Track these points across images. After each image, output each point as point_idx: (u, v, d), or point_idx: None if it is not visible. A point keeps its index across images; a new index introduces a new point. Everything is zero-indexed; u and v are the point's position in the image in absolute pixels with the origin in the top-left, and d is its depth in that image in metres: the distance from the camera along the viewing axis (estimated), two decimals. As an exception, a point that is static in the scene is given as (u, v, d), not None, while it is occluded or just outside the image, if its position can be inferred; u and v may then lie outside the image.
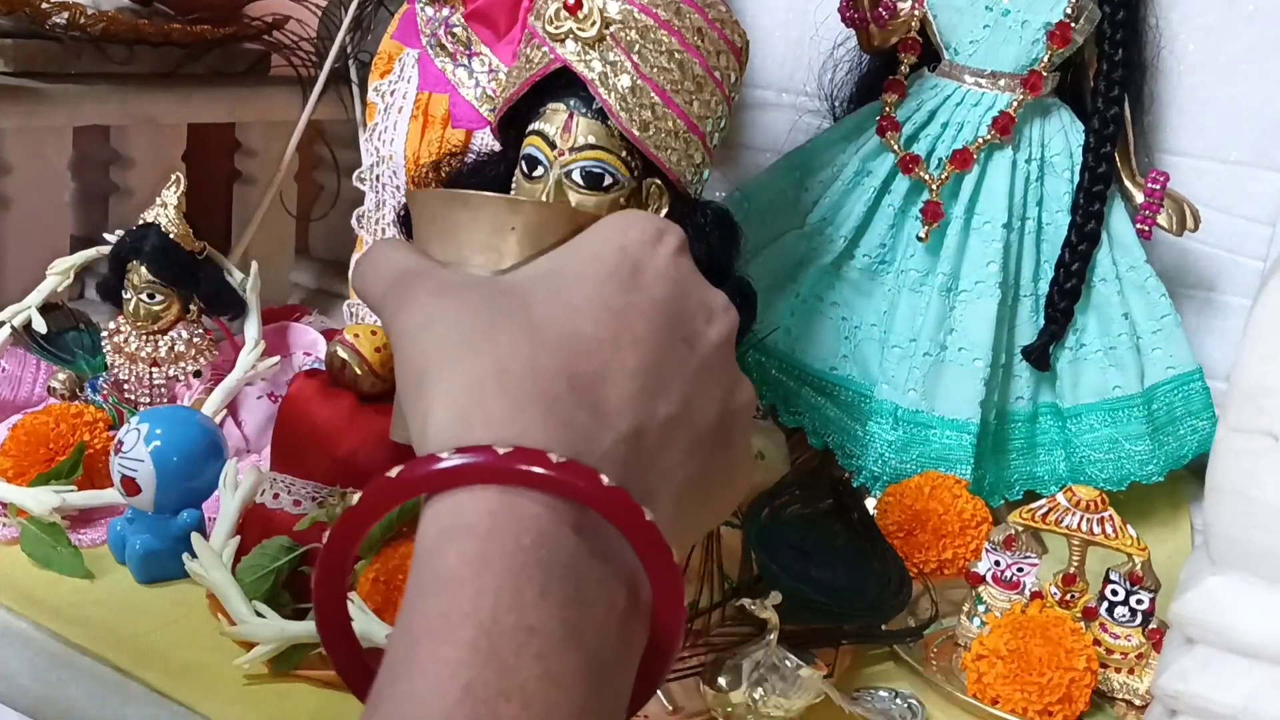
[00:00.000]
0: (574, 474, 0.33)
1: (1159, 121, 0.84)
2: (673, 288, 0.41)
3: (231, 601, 0.54)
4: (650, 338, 0.39)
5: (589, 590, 0.33)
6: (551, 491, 0.33)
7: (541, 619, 0.31)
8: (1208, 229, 0.79)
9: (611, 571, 0.34)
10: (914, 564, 0.68)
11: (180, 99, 0.91)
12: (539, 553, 0.32)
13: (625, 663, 0.34)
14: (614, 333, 0.38)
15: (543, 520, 0.33)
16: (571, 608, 0.32)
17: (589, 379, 0.37)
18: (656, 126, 0.58)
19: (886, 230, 0.77)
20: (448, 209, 0.41)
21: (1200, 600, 0.49)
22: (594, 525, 0.34)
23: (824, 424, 0.77)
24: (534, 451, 0.33)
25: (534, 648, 0.31)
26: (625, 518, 0.34)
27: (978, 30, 0.74)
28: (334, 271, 1.06)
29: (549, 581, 0.32)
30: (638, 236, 0.41)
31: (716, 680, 0.53)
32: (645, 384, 0.38)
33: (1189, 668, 0.49)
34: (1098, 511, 0.61)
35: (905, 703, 0.57)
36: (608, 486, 0.34)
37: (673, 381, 0.39)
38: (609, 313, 0.39)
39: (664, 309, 0.40)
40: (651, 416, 0.38)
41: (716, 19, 0.59)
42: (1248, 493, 0.47)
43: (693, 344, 0.41)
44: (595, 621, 0.33)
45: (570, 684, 0.31)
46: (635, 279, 0.40)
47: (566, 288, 0.39)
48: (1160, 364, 0.78)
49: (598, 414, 0.36)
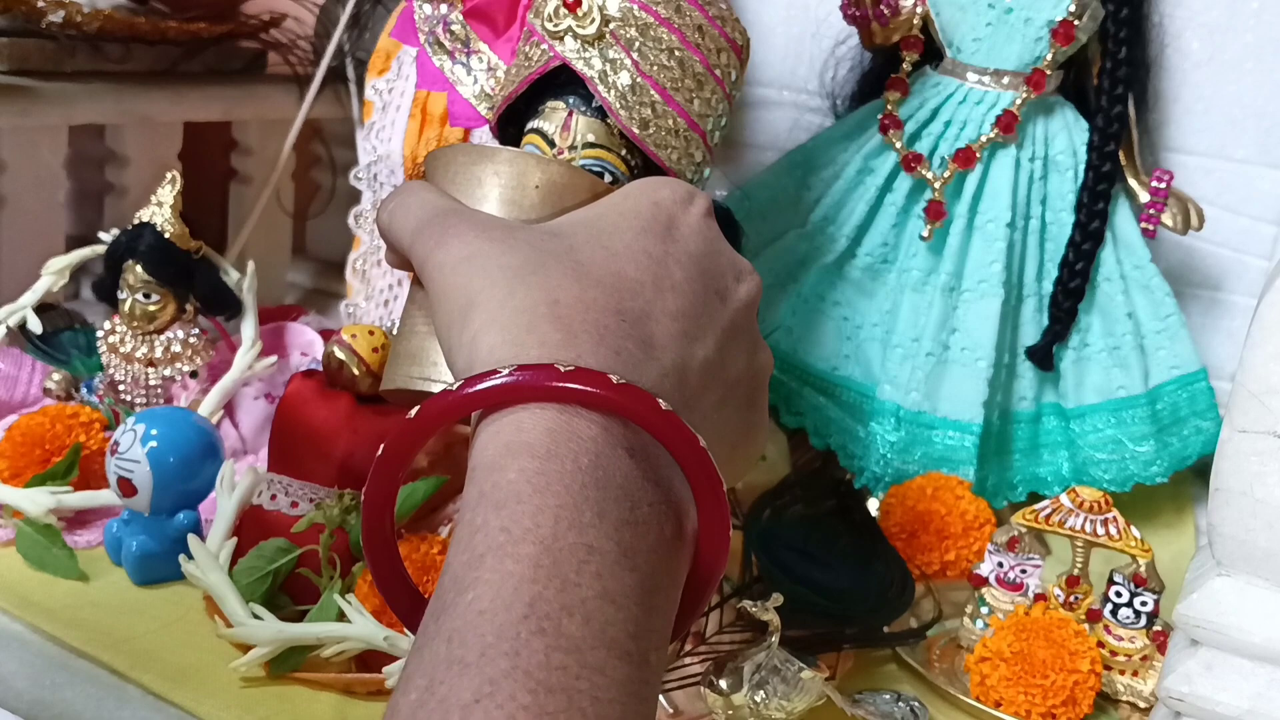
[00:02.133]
0: (633, 397, 0.34)
1: (1163, 119, 0.83)
2: (705, 244, 0.43)
3: (228, 603, 0.54)
4: (687, 285, 0.41)
5: (641, 513, 0.34)
6: (610, 413, 0.34)
7: (599, 539, 0.32)
8: (1213, 228, 0.79)
9: (662, 497, 0.35)
10: (916, 565, 0.68)
11: (176, 97, 0.91)
12: (596, 474, 0.33)
13: (672, 588, 0.35)
14: (654, 276, 0.40)
15: (599, 442, 0.34)
16: (626, 530, 0.33)
17: (636, 315, 0.38)
18: (657, 125, 0.58)
19: (889, 229, 0.77)
20: (472, 163, 0.42)
21: (1205, 602, 0.49)
22: (646, 451, 0.35)
23: (826, 424, 0.77)
24: (596, 373, 0.34)
25: (593, 566, 0.31)
26: (679, 443, 0.35)
27: (980, 28, 0.74)
28: (331, 271, 1.05)
29: (605, 503, 0.33)
30: (670, 195, 0.44)
31: (717, 683, 0.53)
32: (685, 327, 0.40)
33: (1194, 670, 0.49)
34: (1101, 513, 0.61)
35: (907, 705, 0.57)
36: (664, 410, 0.34)
37: (707, 329, 0.41)
38: (649, 258, 0.40)
39: (698, 262, 0.42)
40: (691, 357, 0.39)
41: (717, 16, 0.59)
42: (1253, 493, 0.47)
43: (724, 298, 0.43)
44: (647, 544, 0.33)
45: (626, 603, 0.31)
46: (670, 232, 0.42)
47: (606, 234, 0.41)
48: (1165, 364, 0.77)
49: (645, 347, 0.37)
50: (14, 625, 0.57)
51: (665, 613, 0.34)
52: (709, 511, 0.36)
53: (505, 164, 0.41)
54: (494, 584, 0.30)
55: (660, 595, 0.34)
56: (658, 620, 0.33)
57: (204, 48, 0.93)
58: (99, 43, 0.85)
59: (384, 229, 0.43)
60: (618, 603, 0.31)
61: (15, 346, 0.77)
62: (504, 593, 0.30)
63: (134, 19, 0.87)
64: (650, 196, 0.43)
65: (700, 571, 0.36)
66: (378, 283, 0.82)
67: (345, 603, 0.53)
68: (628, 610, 0.31)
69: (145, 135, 0.92)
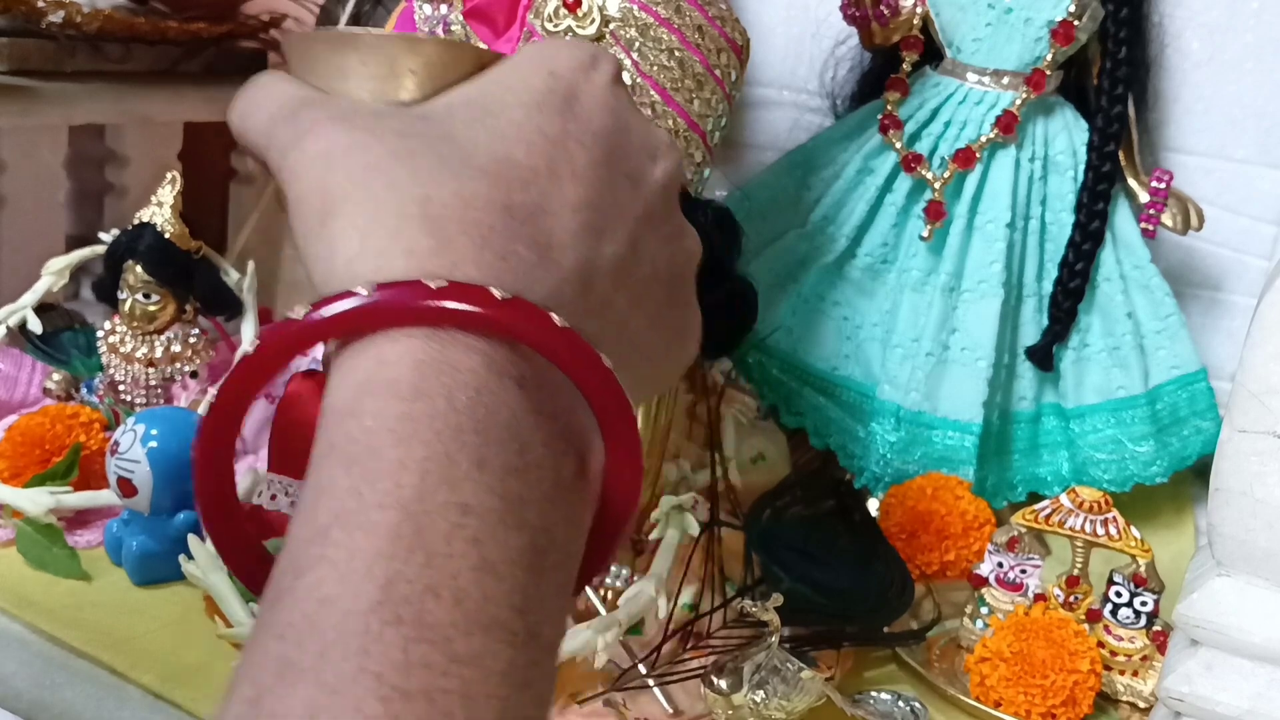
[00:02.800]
0: (522, 314, 0.29)
1: (1163, 119, 0.83)
2: (613, 119, 0.36)
3: (228, 603, 0.54)
4: (592, 170, 0.34)
5: (534, 456, 0.28)
6: (494, 336, 0.29)
7: (478, 495, 0.26)
8: (1213, 228, 0.78)
9: (560, 432, 0.29)
10: (916, 566, 0.68)
11: (176, 97, 0.91)
12: (476, 413, 0.27)
13: (571, 542, 0.30)
14: (550, 162, 0.33)
15: (480, 374, 0.28)
16: (512, 479, 0.27)
17: (528, 210, 0.32)
18: (656, 125, 0.57)
19: (889, 229, 0.77)
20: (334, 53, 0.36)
21: (1205, 602, 0.49)
22: (540, 378, 0.29)
23: (825, 424, 0.77)
24: (474, 287, 0.28)
25: (468, 531, 0.26)
26: (580, 365, 0.29)
27: (980, 28, 0.74)
28: (332, 271, 1.05)
29: (487, 449, 0.27)
30: (569, 62, 0.36)
31: (717, 682, 0.53)
32: (589, 220, 0.33)
33: (1194, 670, 0.49)
34: (1101, 513, 0.61)
35: (907, 705, 0.57)
36: (560, 328, 0.29)
37: (617, 221, 0.34)
38: (544, 140, 0.33)
39: (605, 141, 0.35)
40: (598, 255, 0.33)
41: (717, 16, 0.59)
42: (1253, 493, 0.47)
43: (637, 183, 0.36)
44: (540, 493, 0.28)
45: (510, 571, 0.26)
46: (570, 107, 0.35)
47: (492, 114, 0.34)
48: (1164, 364, 0.77)
49: (539, 249, 0.31)
50: (14, 625, 0.56)
51: (562, 574, 0.29)
52: (617, 443, 0.31)
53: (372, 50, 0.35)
54: (340, 563, 0.25)
55: (555, 553, 0.28)
56: (551, 585, 0.28)
57: (204, 48, 0.93)
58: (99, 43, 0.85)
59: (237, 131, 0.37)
60: (499, 572, 0.26)
61: (15, 347, 0.77)
62: (352, 574, 0.25)
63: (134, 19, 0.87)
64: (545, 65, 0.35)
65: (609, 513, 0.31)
66: (378, 283, 0.82)
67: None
68: (512, 579, 0.26)
69: (145, 135, 0.92)
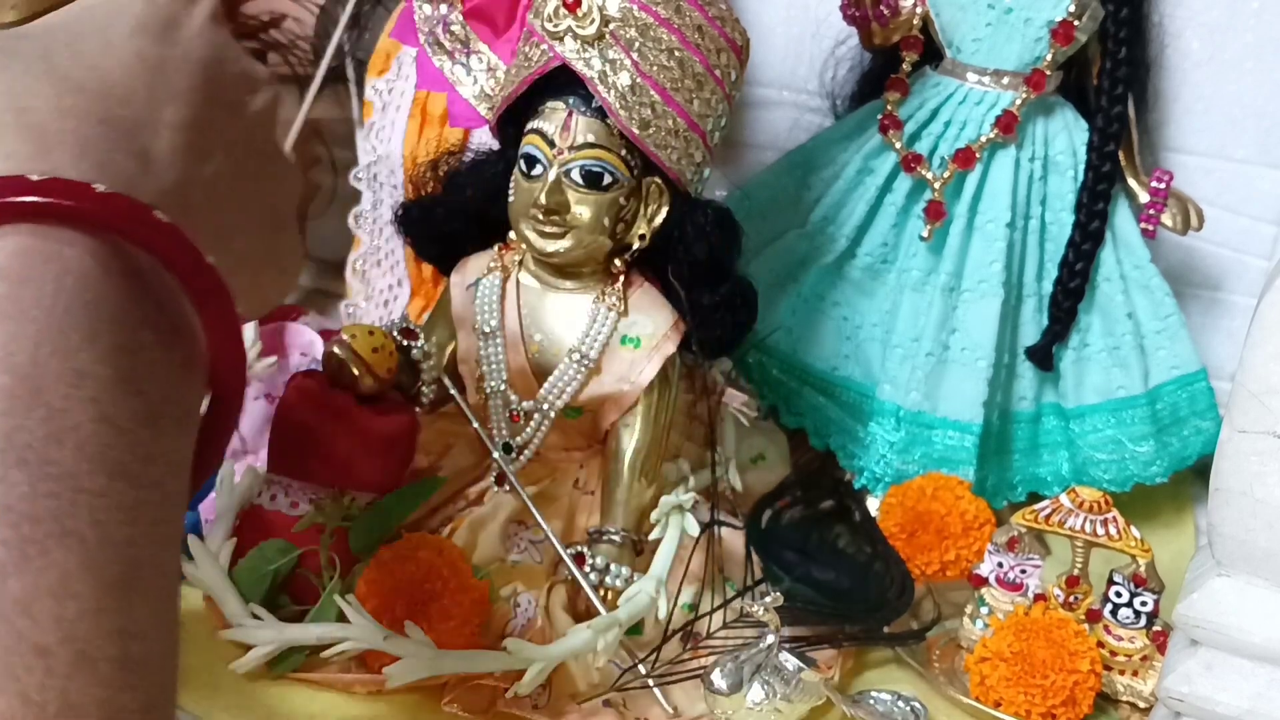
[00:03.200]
0: (123, 208, 0.30)
1: (1163, 119, 0.83)
2: (212, 50, 0.39)
3: (228, 604, 0.54)
4: (191, 94, 0.36)
5: (144, 337, 0.31)
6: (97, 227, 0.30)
7: (92, 364, 0.29)
8: (1213, 228, 0.78)
9: (168, 324, 0.32)
10: (916, 566, 0.68)
11: (177, 97, 0.91)
12: (84, 295, 0.29)
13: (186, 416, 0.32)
14: (149, 84, 0.35)
15: (85, 263, 0.30)
16: (124, 354, 0.30)
17: (127, 125, 0.34)
18: (656, 125, 0.57)
19: (888, 229, 0.77)
20: None
21: (1205, 602, 0.49)
22: (145, 273, 0.31)
23: (825, 425, 0.77)
24: (76, 182, 0.30)
25: (86, 392, 0.28)
26: (182, 259, 0.31)
27: (980, 28, 0.74)
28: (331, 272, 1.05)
29: (98, 325, 0.29)
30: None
31: (717, 683, 0.53)
32: (189, 140, 0.35)
33: (1194, 670, 0.49)
34: (1101, 513, 0.61)
35: (907, 705, 0.57)
36: (163, 222, 0.31)
37: (216, 145, 0.37)
38: (142, 63, 0.36)
39: (204, 70, 0.38)
40: (196, 173, 0.36)
41: (717, 16, 0.59)
42: (1253, 493, 0.47)
43: (236, 111, 0.39)
44: (151, 368, 0.31)
45: (130, 427, 0.29)
46: (171, 33, 0.37)
47: (88, 35, 0.35)
48: (1164, 364, 0.77)
49: (139, 160, 0.33)
50: (14, 625, 0.56)
51: (180, 437, 0.32)
52: (219, 334, 0.33)
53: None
54: None
55: (170, 421, 0.31)
56: (170, 444, 0.31)
57: (204, 48, 0.93)
58: (99, 43, 0.85)
59: None
60: (120, 427, 0.29)
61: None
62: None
63: (134, 19, 0.87)
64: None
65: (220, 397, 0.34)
66: (377, 283, 0.82)
67: (345, 603, 0.53)
68: (134, 434, 0.29)
69: (145, 135, 0.92)
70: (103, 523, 0.27)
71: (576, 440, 0.64)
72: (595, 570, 0.58)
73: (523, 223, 0.60)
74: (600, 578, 0.58)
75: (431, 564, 0.54)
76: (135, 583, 0.28)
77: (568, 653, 0.53)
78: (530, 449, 0.62)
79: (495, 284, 0.62)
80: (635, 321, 0.61)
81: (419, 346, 0.62)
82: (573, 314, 0.61)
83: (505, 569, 0.60)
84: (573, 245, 0.59)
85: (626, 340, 0.61)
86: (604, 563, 0.59)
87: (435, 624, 0.53)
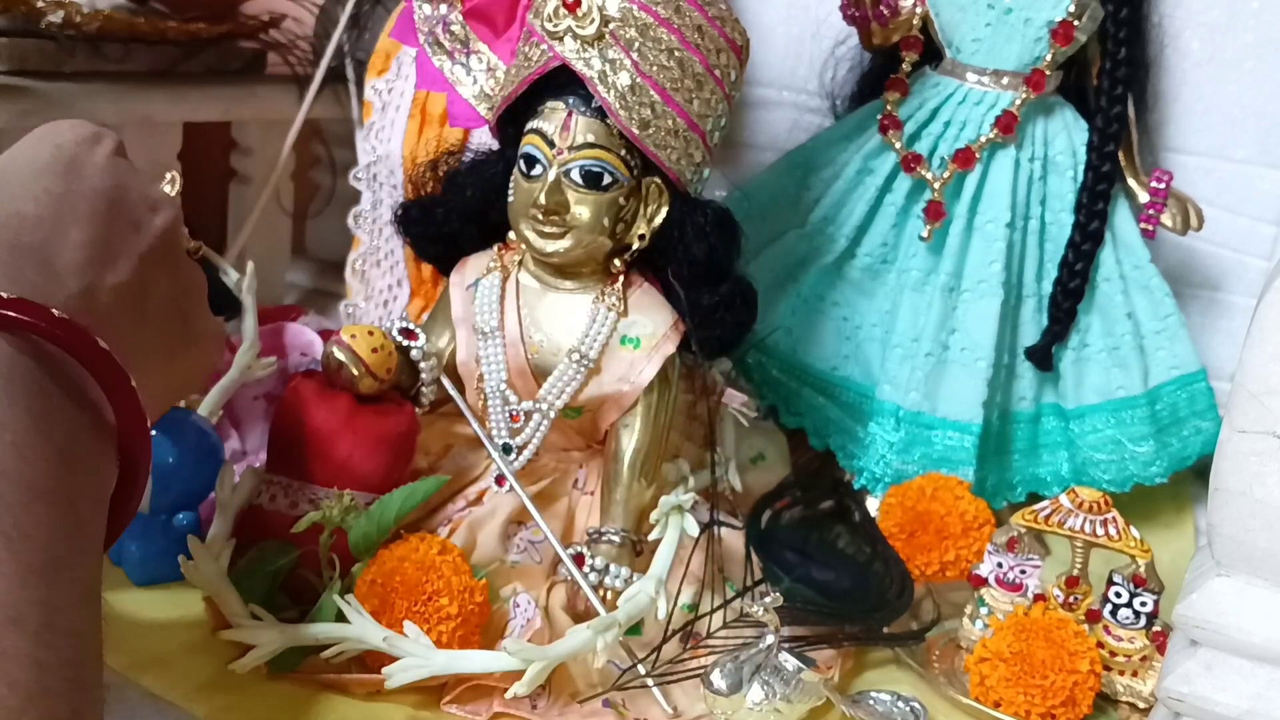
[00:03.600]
0: (23, 308, 0.38)
1: (1163, 120, 0.83)
2: (113, 180, 0.46)
3: (228, 604, 0.54)
4: (94, 218, 0.44)
5: (55, 403, 0.38)
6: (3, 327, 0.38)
7: (9, 417, 0.36)
8: (1213, 228, 0.79)
9: (76, 397, 0.39)
10: (916, 566, 0.68)
11: (176, 98, 0.91)
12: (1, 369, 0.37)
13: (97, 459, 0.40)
14: (56, 212, 0.43)
15: (4, 349, 0.37)
16: (39, 415, 0.37)
17: (34, 246, 0.41)
18: (656, 125, 0.57)
19: (888, 229, 0.77)
20: None
21: (1204, 602, 0.49)
22: (54, 358, 0.39)
23: (825, 425, 0.77)
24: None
25: (7, 436, 0.36)
26: (80, 345, 0.39)
27: (980, 28, 0.74)
28: (331, 271, 1.05)
29: (13, 393, 0.37)
30: (73, 137, 0.47)
31: (716, 683, 0.53)
32: (93, 255, 0.43)
33: (1193, 670, 0.49)
34: (1101, 513, 0.61)
35: (907, 705, 0.57)
36: (58, 317, 0.38)
37: (121, 257, 0.45)
38: (50, 196, 0.43)
39: (106, 197, 0.45)
40: (101, 281, 0.43)
41: (716, 16, 0.59)
42: (1252, 494, 0.47)
43: (139, 228, 0.47)
44: (63, 427, 0.38)
45: (44, 462, 0.36)
46: (74, 170, 0.45)
47: (4, 180, 0.44)
48: (1164, 364, 0.77)
49: (47, 274, 0.41)
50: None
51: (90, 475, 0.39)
52: (121, 405, 0.40)
53: None
54: None
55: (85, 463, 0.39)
56: (85, 479, 0.39)
57: (203, 48, 0.93)
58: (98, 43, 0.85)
59: None
60: (34, 461, 0.36)
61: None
62: None
63: (133, 19, 0.87)
64: (51, 140, 0.46)
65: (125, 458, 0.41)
66: (377, 283, 0.82)
67: (344, 603, 0.53)
68: (47, 465, 0.36)
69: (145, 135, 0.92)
70: (23, 524, 0.35)
71: (576, 440, 0.64)
72: (594, 570, 0.58)
73: (522, 223, 0.60)
74: (600, 578, 0.58)
75: (431, 564, 0.54)
76: (55, 571, 0.35)
77: (567, 653, 0.53)
78: (530, 449, 0.62)
79: (495, 284, 0.62)
80: (635, 322, 0.61)
81: (418, 347, 0.62)
82: (572, 314, 0.61)
83: (505, 569, 0.60)
84: (572, 245, 0.59)
85: (626, 340, 0.61)
86: (603, 563, 0.59)
87: (434, 624, 0.53)
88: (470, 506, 0.62)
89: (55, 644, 0.34)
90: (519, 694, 0.52)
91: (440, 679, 0.53)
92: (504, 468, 0.61)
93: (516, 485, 0.60)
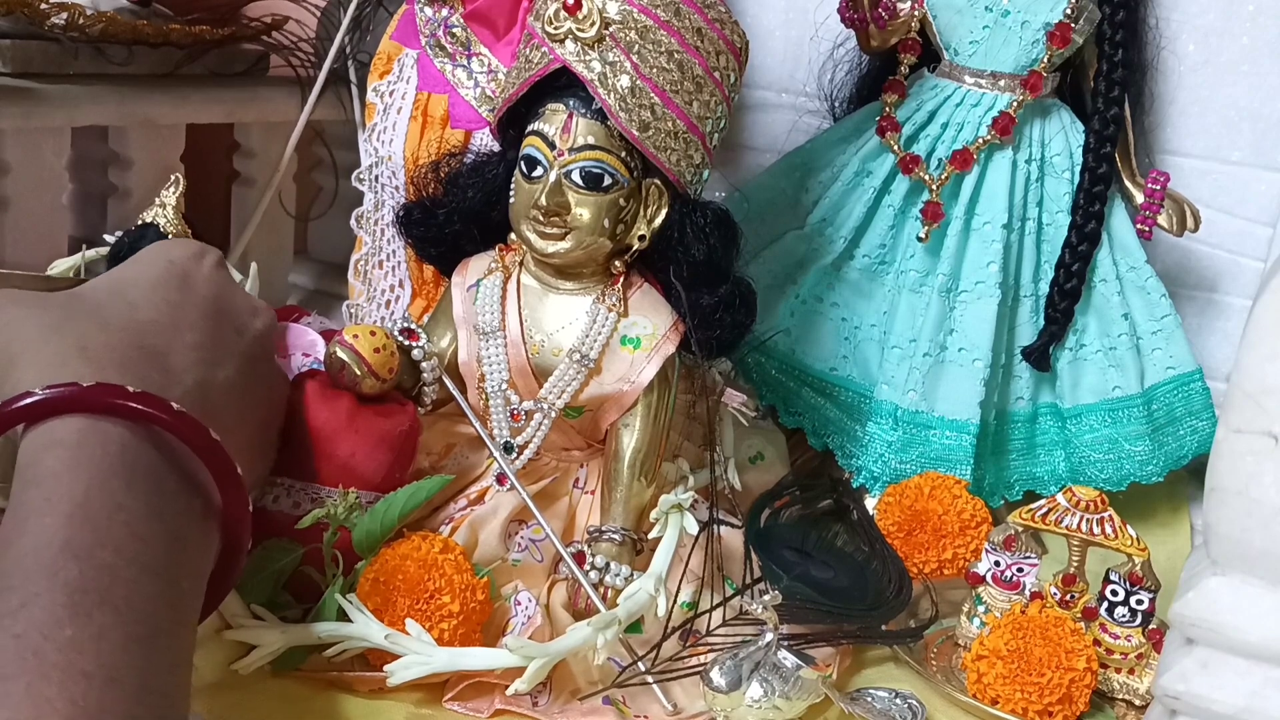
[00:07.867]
0: (149, 401, 0.43)
1: (1159, 122, 0.84)
2: (218, 290, 0.53)
3: (231, 604, 0.54)
4: (203, 323, 0.50)
5: (168, 487, 0.42)
6: (130, 417, 0.42)
7: (128, 500, 0.40)
8: (1209, 229, 0.79)
9: (187, 483, 0.43)
10: (914, 564, 0.68)
11: (179, 100, 0.91)
12: (125, 458, 0.41)
13: (203, 538, 0.44)
14: (173, 319, 0.49)
15: (125, 437, 0.42)
16: (154, 497, 0.41)
17: (156, 350, 0.47)
18: (656, 127, 0.58)
19: (886, 231, 0.77)
20: None
21: (1200, 601, 0.49)
22: (171, 446, 0.43)
23: (824, 424, 0.77)
24: (114, 385, 0.42)
25: (123, 517, 0.40)
26: (195, 436, 0.43)
27: (977, 31, 0.74)
28: (333, 272, 1.06)
29: (134, 478, 0.41)
30: (181, 254, 0.53)
31: (716, 680, 0.53)
32: (203, 356, 0.49)
33: (1189, 668, 0.49)
34: (1097, 512, 0.61)
35: (905, 703, 0.57)
36: (178, 410, 0.43)
37: (226, 357, 0.51)
38: (167, 305, 0.50)
39: (213, 304, 0.52)
40: (212, 378, 0.49)
41: (716, 19, 0.59)
42: (1248, 493, 0.47)
43: (242, 331, 0.53)
44: (175, 509, 0.42)
45: (155, 541, 0.40)
46: (185, 283, 0.51)
47: (126, 292, 0.50)
48: (1160, 364, 0.77)
49: (166, 373, 0.46)
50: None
51: (197, 553, 0.44)
52: (228, 491, 0.44)
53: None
54: (34, 534, 0.38)
55: (191, 543, 0.43)
56: (190, 557, 0.43)
57: (206, 50, 0.93)
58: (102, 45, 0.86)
59: None
60: (147, 540, 0.40)
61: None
62: (42, 538, 0.38)
63: (137, 22, 0.87)
64: (165, 256, 0.52)
65: (229, 539, 0.45)
66: (379, 284, 0.83)
67: (347, 602, 0.53)
68: (158, 546, 0.40)
69: (148, 137, 0.92)
70: (130, 598, 0.38)
71: (577, 440, 0.65)
72: (595, 569, 0.59)
73: (523, 224, 0.60)
74: (600, 576, 0.59)
75: (433, 562, 0.55)
76: (154, 639, 0.39)
77: (568, 650, 0.53)
78: (531, 448, 0.62)
79: (496, 285, 0.62)
80: (635, 322, 0.61)
81: (420, 347, 0.62)
82: (573, 315, 0.61)
83: (506, 567, 0.60)
84: (573, 246, 0.59)
85: (626, 341, 0.61)
86: (604, 561, 0.59)
87: (436, 622, 0.54)
88: (472, 505, 0.63)
89: (147, 702, 0.37)
90: (520, 691, 0.52)
91: (442, 676, 0.54)
92: (505, 467, 0.61)
93: (518, 484, 0.60)
